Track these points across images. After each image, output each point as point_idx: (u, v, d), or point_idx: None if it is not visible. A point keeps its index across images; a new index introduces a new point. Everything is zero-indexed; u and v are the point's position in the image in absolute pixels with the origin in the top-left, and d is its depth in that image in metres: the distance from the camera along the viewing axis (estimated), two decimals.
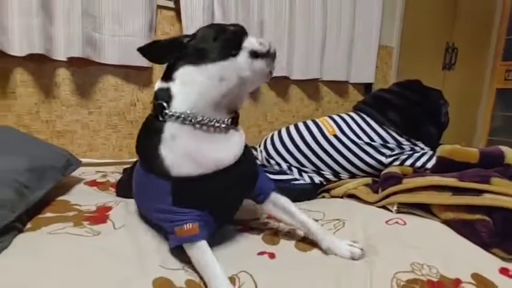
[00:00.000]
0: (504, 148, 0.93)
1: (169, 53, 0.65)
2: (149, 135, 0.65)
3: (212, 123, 0.63)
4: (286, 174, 1.05)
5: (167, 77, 0.65)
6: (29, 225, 0.72)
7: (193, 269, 0.62)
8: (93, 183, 1.11)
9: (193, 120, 0.61)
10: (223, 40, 0.64)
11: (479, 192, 0.75)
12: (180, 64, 0.64)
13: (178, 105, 0.62)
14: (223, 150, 0.64)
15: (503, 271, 0.65)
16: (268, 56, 0.65)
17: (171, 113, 0.62)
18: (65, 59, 1.32)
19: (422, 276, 0.60)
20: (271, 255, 0.70)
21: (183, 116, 0.61)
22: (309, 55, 1.84)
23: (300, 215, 0.73)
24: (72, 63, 1.36)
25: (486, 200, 0.72)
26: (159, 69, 1.57)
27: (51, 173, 0.92)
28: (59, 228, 0.71)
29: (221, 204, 0.69)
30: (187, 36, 0.68)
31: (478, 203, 0.73)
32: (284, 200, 0.75)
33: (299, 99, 1.98)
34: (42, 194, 0.82)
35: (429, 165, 1.01)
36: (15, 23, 1.20)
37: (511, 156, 0.90)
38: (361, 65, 2.04)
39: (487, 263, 0.66)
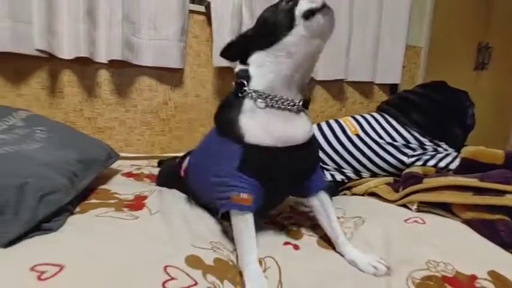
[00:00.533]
0: None
1: (242, 48, 0.70)
2: (230, 108, 0.70)
3: (285, 103, 0.67)
4: None
5: (244, 62, 0.71)
6: (78, 209, 0.82)
7: (221, 249, 0.68)
8: (129, 174, 1.21)
9: (267, 99, 0.66)
10: (276, 20, 0.67)
11: (501, 192, 0.76)
12: (252, 51, 0.69)
13: (255, 84, 0.68)
14: (293, 127, 0.68)
15: None
16: (323, 7, 0.64)
17: (249, 91, 0.67)
18: (106, 62, 1.43)
19: (437, 272, 0.63)
20: (296, 247, 0.75)
21: (259, 94, 0.67)
22: (333, 56, 1.86)
23: (335, 223, 0.75)
24: (112, 65, 1.48)
25: (506, 200, 0.74)
26: (189, 70, 1.66)
27: (96, 164, 1.02)
28: (103, 212, 0.80)
29: (279, 182, 0.71)
30: (250, 29, 0.73)
31: (498, 203, 0.74)
32: (328, 204, 0.76)
33: (323, 100, 2.01)
34: (88, 183, 0.92)
35: (452, 166, 1.02)
36: (65, 28, 1.32)
37: None
38: (387, 66, 2.04)
39: (506, 262, 0.67)
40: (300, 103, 0.69)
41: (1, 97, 1.33)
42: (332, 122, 1.15)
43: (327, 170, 1.10)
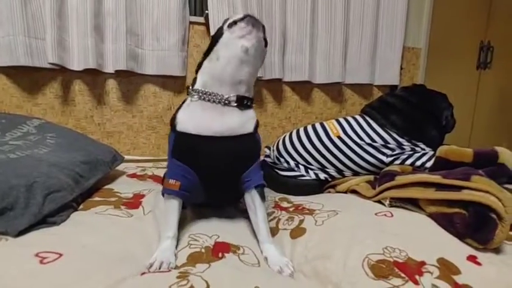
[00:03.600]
0: (499, 148, 0.97)
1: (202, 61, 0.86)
2: (179, 106, 0.86)
3: (214, 97, 0.79)
4: (294, 171, 1.17)
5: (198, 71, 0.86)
6: (82, 206, 0.93)
7: (198, 239, 0.78)
8: (133, 175, 1.32)
9: (200, 93, 0.80)
10: (214, 34, 0.83)
11: (459, 188, 0.82)
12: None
13: (197, 85, 0.83)
14: (221, 121, 0.79)
15: (471, 258, 0.72)
16: (243, 19, 0.77)
17: (190, 90, 0.83)
18: (113, 72, 1.56)
19: (390, 257, 0.70)
20: None
21: (196, 91, 0.81)
22: (330, 60, 1.93)
23: (260, 222, 0.83)
24: (119, 74, 1.61)
25: (463, 195, 0.79)
26: (191, 78, 1.77)
27: (101, 166, 1.13)
28: (103, 210, 0.91)
29: (207, 167, 0.80)
30: None
31: (455, 197, 0.80)
32: (258, 203, 0.84)
33: (322, 102, 2.07)
34: (93, 182, 1.04)
35: (428, 164, 1.08)
36: (75, 43, 1.46)
37: (504, 157, 0.94)
38: (385, 68, 2.08)
39: (457, 250, 0.73)
40: (231, 98, 0.80)
41: (19, 107, 1.48)
42: (317, 125, 1.23)
43: (311, 169, 1.17)
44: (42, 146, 0.99)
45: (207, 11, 1.67)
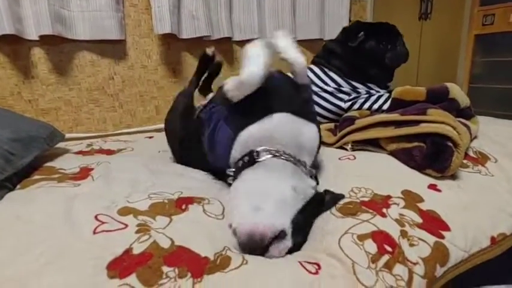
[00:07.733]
0: (449, 84, 1.00)
1: None
2: None
3: None
4: None
5: None
6: (18, 186, 0.81)
7: (159, 194, 0.71)
8: (79, 152, 1.19)
9: None
10: None
11: (417, 122, 0.83)
12: None
13: None
14: None
15: (431, 186, 0.74)
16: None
17: None
18: (37, 38, 1.36)
19: (356, 198, 0.69)
20: None
21: None
22: (279, 16, 1.86)
23: None
24: (46, 41, 1.40)
25: (420, 128, 0.81)
26: (132, 41, 1.61)
27: (37, 143, 0.99)
28: (44, 184, 0.80)
29: None
30: None
31: (413, 131, 0.81)
32: None
33: (276, 60, 2.01)
34: (29, 161, 0.91)
35: (385, 106, 1.09)
36: None
37: (454, 91, 0.98)
38: (334, 22, 2.06)
39: (418, 181, 0.76)
40: None
41: None
42: None
43: None
44: None
45: None
